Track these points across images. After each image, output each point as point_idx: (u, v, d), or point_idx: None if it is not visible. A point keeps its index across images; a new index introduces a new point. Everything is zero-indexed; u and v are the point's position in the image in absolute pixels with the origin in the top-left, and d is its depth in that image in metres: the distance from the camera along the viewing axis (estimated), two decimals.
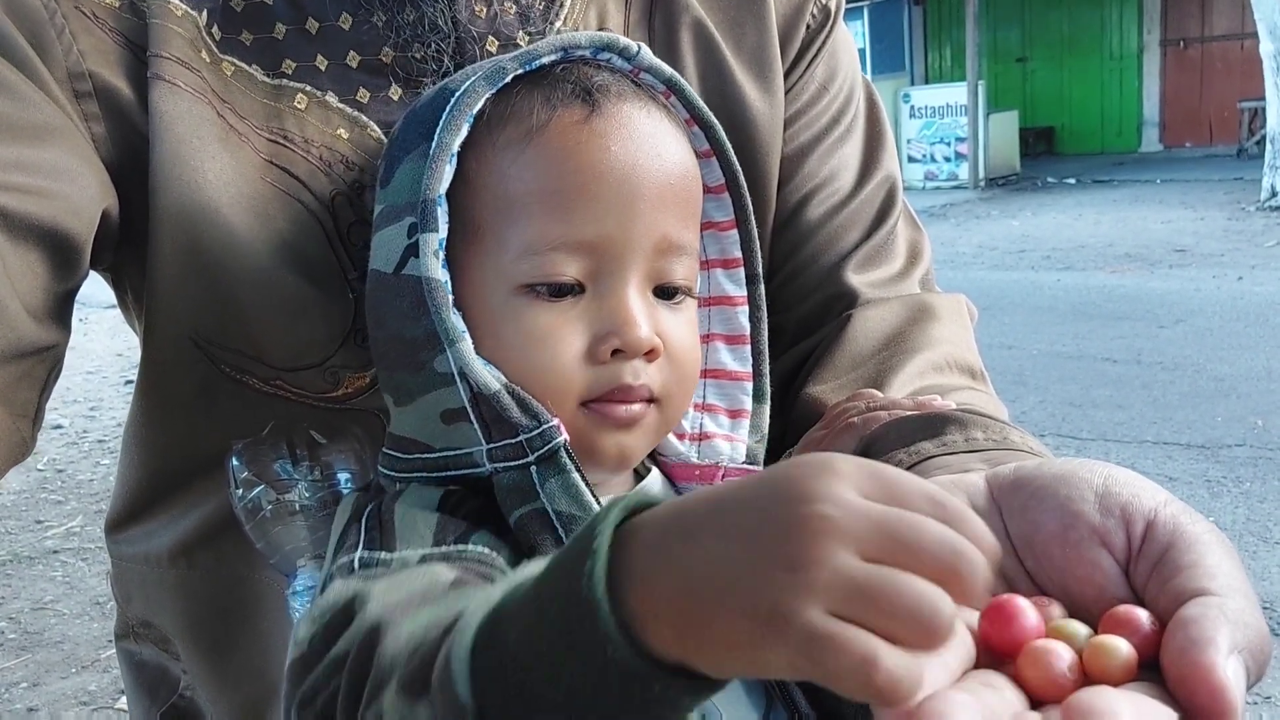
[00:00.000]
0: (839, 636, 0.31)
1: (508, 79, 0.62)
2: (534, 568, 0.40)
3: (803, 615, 0.32)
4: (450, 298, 0.60)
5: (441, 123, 0.61)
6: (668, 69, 0.66)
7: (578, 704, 0.36)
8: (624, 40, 0.64)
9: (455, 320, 0.59)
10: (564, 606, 0.36)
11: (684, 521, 0.36)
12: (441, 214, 0.60)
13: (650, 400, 0.62)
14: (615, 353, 0.60)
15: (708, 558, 0.34)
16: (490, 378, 0.59)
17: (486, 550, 0.55)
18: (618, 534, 0.37)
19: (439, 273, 0.59)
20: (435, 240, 0.59)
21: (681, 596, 0.34)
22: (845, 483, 0.34)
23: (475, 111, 0.61)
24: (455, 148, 0.61)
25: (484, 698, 0.38)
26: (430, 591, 0.49)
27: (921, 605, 0.32)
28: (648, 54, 0.65)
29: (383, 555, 0.55)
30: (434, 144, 0.60)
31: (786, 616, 0.32)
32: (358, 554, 0.56)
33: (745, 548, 0.34)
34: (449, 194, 0.61)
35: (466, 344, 0.59)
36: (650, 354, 0.61)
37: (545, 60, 0.62)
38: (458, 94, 0.61)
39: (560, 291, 0.60)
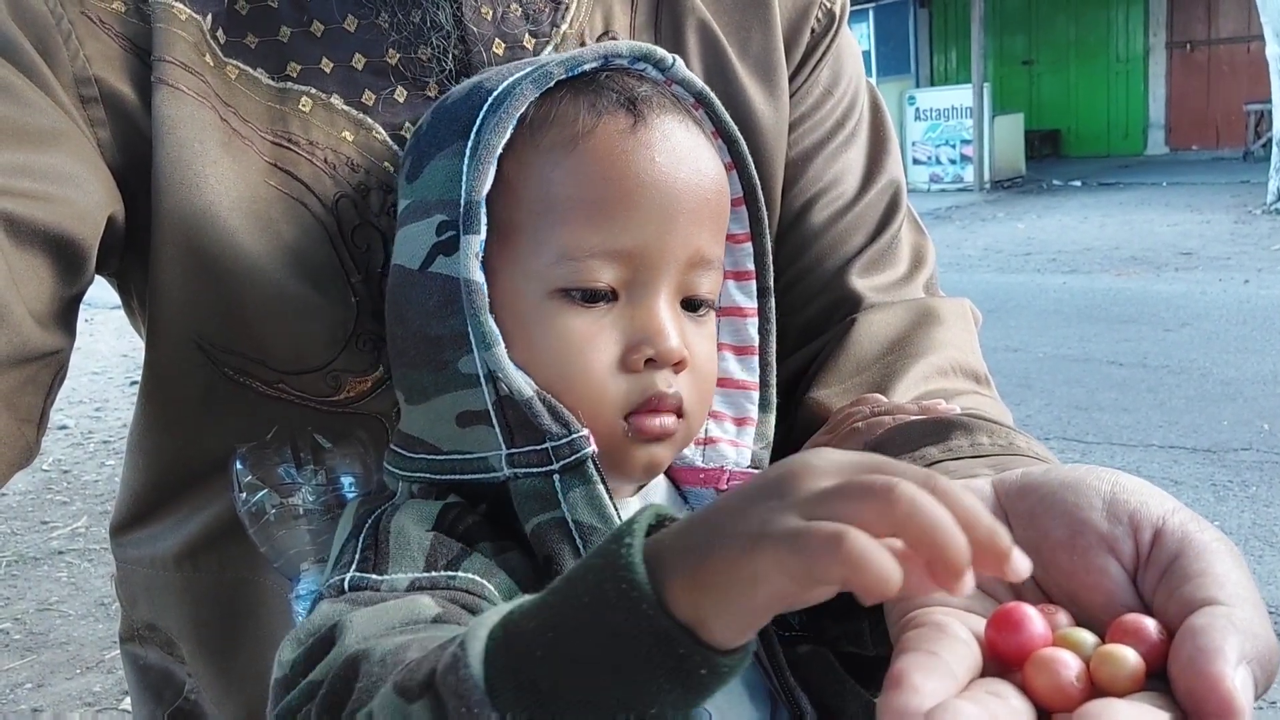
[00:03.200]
0: (813, 525, 0.35)
1: (552, 83, 0.61)
2: (530, 597, 0.41)
3: (782, 521, 0.36)
4: (487, 301, 0.60)
5: (482, 122, 0.60)
6: (699, 82, 0.66)
7: (602, 681, 0.37)
8: (660, 51, 0.65)
9: (491, 324, 0.59)
10: (599, 579, 0.38)
11: (703, 512, 0.40)
12: (482, 215, 0.60)
13: (679, 413, 0.62)
14: (648, 362, 0.60)
15: (715, 521, 0.38)
16: (524, 383, 0.59)
17: (476, 579, 0.55)
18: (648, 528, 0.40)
19: (478, 275, 0.59)
20: (477, 242, 0.59)
21: (692, 551, 0.38)
22: (831, 453, 0.39)
23: (520, 114, 0.61)
24: (500, 149, 0.60)
25: (497, 682, 0.39)
26: (410, 622, 0.50)
27: (882, 487, 0.35)
28: (681, 67, 0.65)
29: (373, 578, 0.55)
30: (474, 143, 0.60)
31: (769, 523, 0.36)
32: (349, 575, 0.56)
33: (741, 501, 0.38)
34: None
35: (502, 348, 0.59)
36: (679, 365, 0.61)
37: (589, 66, 0.62)
38: (496, 93, 0.61)
39: (594, 297, 0.60)
